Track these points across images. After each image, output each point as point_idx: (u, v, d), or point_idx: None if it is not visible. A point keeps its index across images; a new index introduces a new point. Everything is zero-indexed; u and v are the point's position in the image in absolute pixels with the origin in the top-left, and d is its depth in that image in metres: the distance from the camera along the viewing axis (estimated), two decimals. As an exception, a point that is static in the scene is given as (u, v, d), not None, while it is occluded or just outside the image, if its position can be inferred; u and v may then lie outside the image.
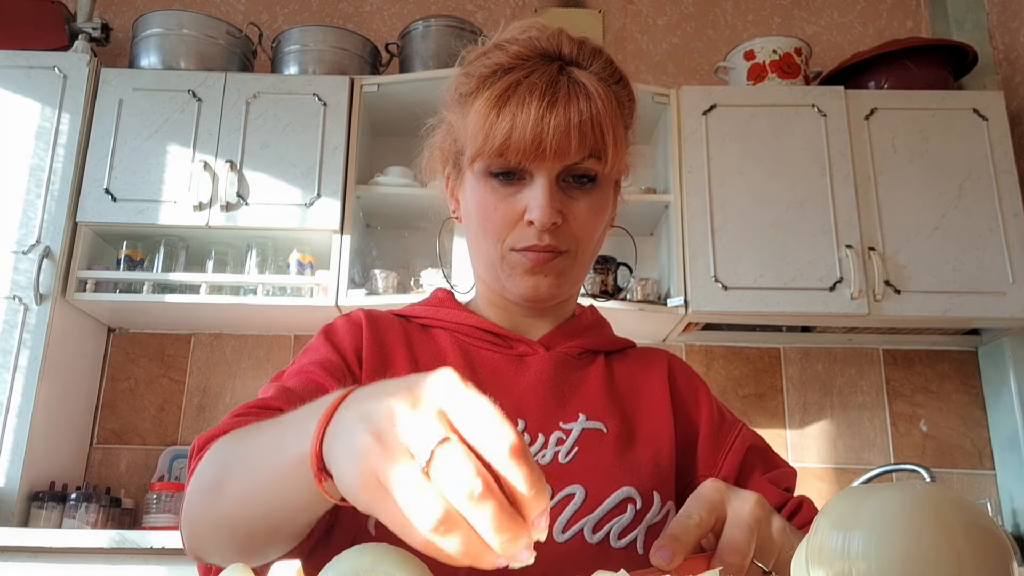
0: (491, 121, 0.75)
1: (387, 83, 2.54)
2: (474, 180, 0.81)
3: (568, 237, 0.79)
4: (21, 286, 2.27)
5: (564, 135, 0.74)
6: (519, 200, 0.78)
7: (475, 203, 0.81)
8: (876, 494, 0.44)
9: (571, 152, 0.75)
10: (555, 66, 0.77)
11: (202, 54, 2.57)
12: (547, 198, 0.76)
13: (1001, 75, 2.78)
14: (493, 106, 0.75)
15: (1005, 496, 2.52)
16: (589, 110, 0.75)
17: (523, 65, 0.77)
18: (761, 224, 2.40)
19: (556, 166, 0.77)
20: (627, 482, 0.78)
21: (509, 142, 0.74)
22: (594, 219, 0.81)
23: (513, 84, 0.75)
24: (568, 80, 0.76)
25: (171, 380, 2.63)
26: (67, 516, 2.21)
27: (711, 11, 3.04)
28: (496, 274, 0.83)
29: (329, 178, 2.42)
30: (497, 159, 0.76)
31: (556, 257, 0.80)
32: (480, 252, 0.84)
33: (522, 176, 0.78)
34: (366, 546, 0.41)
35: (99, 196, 2.38)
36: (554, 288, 0.81)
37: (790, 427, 2.61)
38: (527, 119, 0.74)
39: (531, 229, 0.78)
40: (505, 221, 0.79)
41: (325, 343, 0.82)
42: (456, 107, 0.83)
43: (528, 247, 0.79)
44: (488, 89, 0.77)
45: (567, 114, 0.74)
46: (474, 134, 0.77)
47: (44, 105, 2.43)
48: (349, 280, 2.37)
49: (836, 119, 2.49)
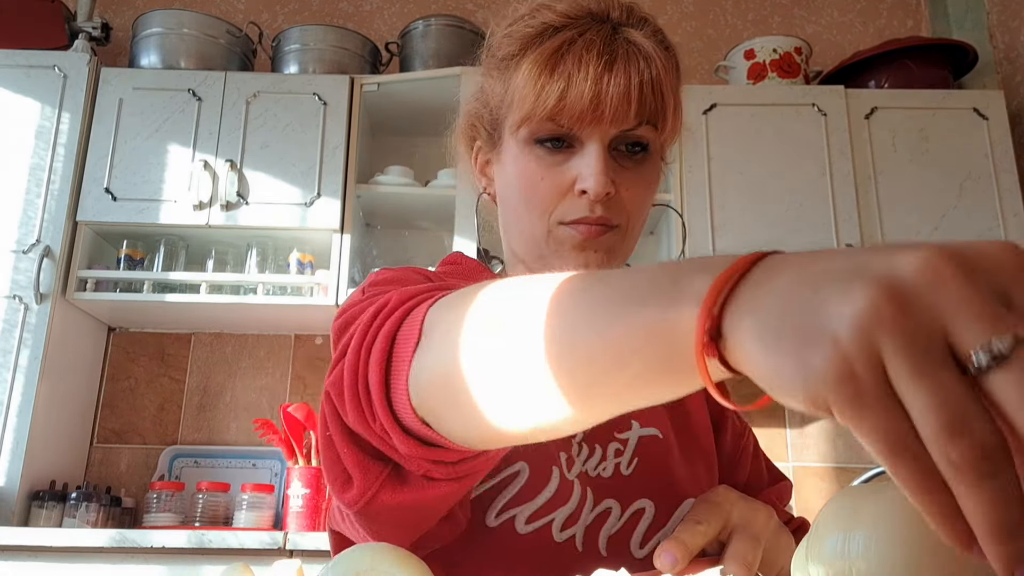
0: (543, 82, 0.68)
1: (387, 82, 2.54)
2: (517, 149, 0.73)
3: (619, 210, 0.72)
4: (21, 286, 2.27)
5: (624, 98, 0.68)
6: (568, 169, 0.71)
7: (517, 173, 0.73)
8: (876, 494, 0.44)
9: (629, 117, 0.69)
10: (608, 26, 0.70)
11: (202, 53, 2.57)
12: (601, 165, 0.69)
13: (1001, 74, 2.77)
14: (545, 65, 0.68)
15: (1005, 495, 2.52)
16: (650, 72, 0.68)
17: (574, 24, 0.70)
18: (761, 224, 2.40)
19: (611, 132, 0.70)
20: (691, 492, 0.74)
21: (564, 104, 0.68)
22: (646, 191, 0.74)
23: (566, 42, 0.69)
24: (625, 41, 0.69)
25: (171, 379, 2.63)
26: (67, 515, 2.21)
27: (711, 10, 3.04)
28: (540, 251, 0.74)
29: (329, 177, 2.42)
30: (547, 123, 0.70)
31: (607, 231, 0.72)
32: (521, 228, 0.75)
33: (571, 144, 0.71)
34: (366, 545, 0.41)
35: (99, 195, 2.38)
36: (604, 265, 0.73)
37: (790, 426, 2.61)
38: (584, 79, 0.67)
39: (582, 200, 0.71)
40: (553, 192, 0.71)
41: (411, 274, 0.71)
42: (495, 72, 0.75)
43: (579, 219, 0.71)
44: (537, 50, 0.70)
45: (628, 75, 0.68)
46: (522, 97, 0.70)
47: (44, 104, 2.43)
48: (349, 279, 2.37)
49: (836, 118, 2.49)
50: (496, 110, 0.76)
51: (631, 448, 0.75)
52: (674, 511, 0.73)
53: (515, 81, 0.71)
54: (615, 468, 0.73)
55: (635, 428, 0.76)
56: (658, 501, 0.73)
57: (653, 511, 0.72)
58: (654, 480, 0.74)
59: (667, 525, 0.72)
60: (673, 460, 0.77)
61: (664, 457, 0.76)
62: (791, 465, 2.57)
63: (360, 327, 0.52)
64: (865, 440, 0.27)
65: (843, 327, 0.26)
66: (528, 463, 0.69)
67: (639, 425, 0.77)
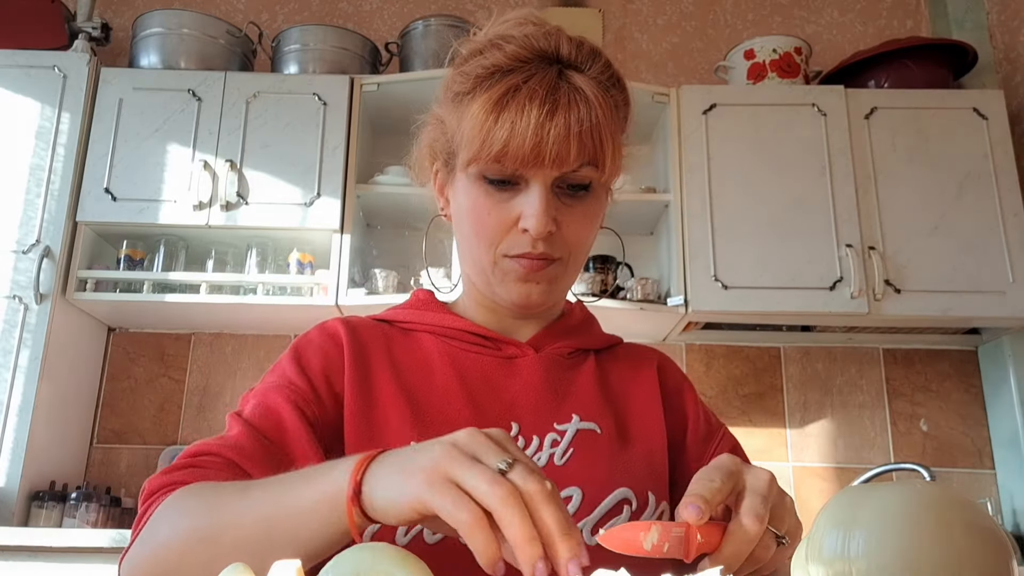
0: (488, 127, 0.73)
1: (387, 82, 2.54)
2: (468, 183, 0.78)
3: (561, 245, 0.78)
4: (21, 286, 2.27)
5: (563, 143, 0.72)
6: (513, 206, 0.76)
7: (468, 207, 0.79)
8: (876, 494, 0.44)
9: (569, 160, 0.74)
10: (554, 70, 0.75)
11: (202, 53, 2.57)
12: (543, 206, 0.74)
13: (1001, 74, 2.77)
14: (491, 111, 0.73)
15: (1005, 495, 2.52)
16: (589, 119, 0.73)
17: (521, 68, 0.75)
18: (761, 224, 2.40)
19: (552, 174, 0.75)
20: (623, 483, 0.78)
21: (507, 149, 0.73)
22: (588, 227, 0.80)
23: (512, 88, 0.73)
24: (568, 86, 0.74)
25: (171, 380, 2.63)
26: (67, 516, 2.21)
27: (711, 10, 3.04)
28: (487, 279, 0.81)
29: (329, 177, 2.42)
30: (493, 165, 0.75)
31: (549, 265, 0.78)
32: (471, 256, 0.82)
33: (516, 182, 0.76)
34: (365, 545, 0.41)
35: (99, 195, 2.38)
36: (545, 295, 0.80)
37: (790, 426, 2.61)
38: (526, 126, 0.72)
39: (525, 236, 0.76)
40: (499, 227, 0.77)
41: (291, 363, 0.80)
42: (450, 105, 0.80)
43: (522, 254, 0.77)
44: (485, 92, 0.75)
45: (567, 122, 0.72)
46: (470, 138, 0.75)
47: (44, 105, 2.43)
48: (349, 279, 2.37)
49: (836, 118, 2.49)
50: (451, 142, 0.81)
51: (568, 439, 0.79)
52: (602, 499, 0.76)
53: (466, 120, 0.76)
54: (549, 458, 0.78)
55: (575, 421, 0.81)
56: (586, 489, 0.76)
57: (580, 499, 0.76)
58: (586, 470, 0.78)
59: (593, 512, 0.75)
60: (609, 454, 0.80)
61: (599, 450, 0.79)
62: (791, 465, 2.57)
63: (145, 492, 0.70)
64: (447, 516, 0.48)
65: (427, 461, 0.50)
66: None
67: (579, 419, 0.81)
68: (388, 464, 0.52)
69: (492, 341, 0.85)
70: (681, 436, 0.88)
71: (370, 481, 0.52)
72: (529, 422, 0.79)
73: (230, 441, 0.73)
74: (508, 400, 0.81)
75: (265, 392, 0.78)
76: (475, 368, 0.83)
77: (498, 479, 0.48)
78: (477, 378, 0.82)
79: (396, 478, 0.51)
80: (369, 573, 0.39)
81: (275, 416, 0.75)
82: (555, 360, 0.85)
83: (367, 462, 0.53)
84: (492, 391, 0.81)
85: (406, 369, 0.82)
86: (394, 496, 0.50)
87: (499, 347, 0.85)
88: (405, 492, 0.50)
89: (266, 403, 0.76)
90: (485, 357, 0.84)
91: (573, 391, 0.84)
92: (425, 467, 0.49)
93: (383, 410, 0.78)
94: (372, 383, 0.80)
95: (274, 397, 0.77)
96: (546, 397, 0.82)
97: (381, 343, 0.84)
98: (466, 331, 0.85)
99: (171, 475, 0.69)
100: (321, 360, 0.81)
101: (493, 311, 0.86)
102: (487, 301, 0.86)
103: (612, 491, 0.77)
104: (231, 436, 0.74)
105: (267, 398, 0.77)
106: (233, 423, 0.75)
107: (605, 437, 0.81)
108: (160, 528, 0.64)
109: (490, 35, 0.80)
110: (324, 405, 0.78)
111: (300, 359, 0.81)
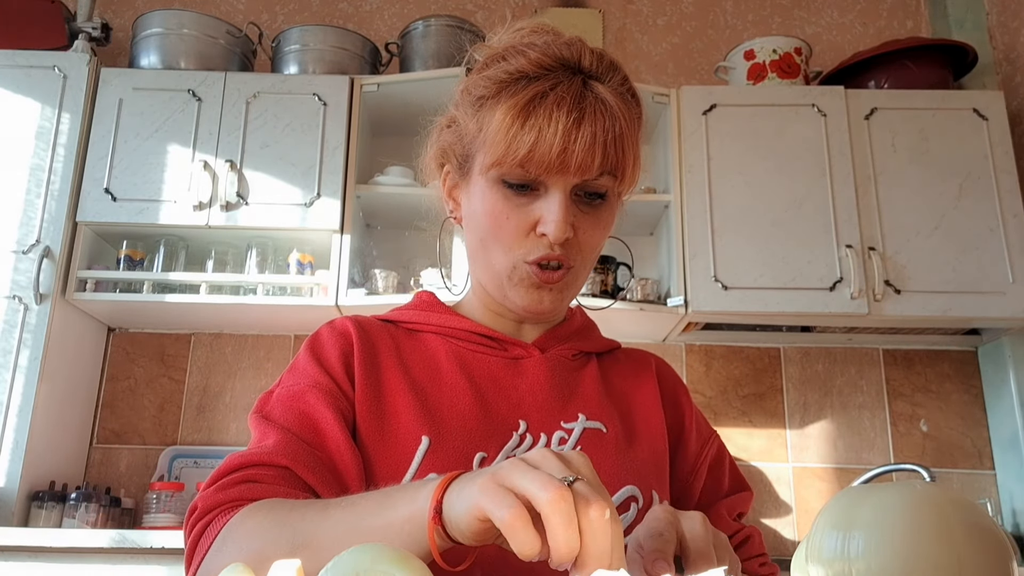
0: (515, 131, 0.74)
1: (387, 83, 2.54)
2: (486, 186, 0.79)
3: (575, 251, 0.79)
4: (21, 286, 2.27)
5: (589, 152, 0.74)
6: (532, 211, 0.77)
7: (485, 210, 0.79)
8: (876, 494, 0.44)
9: (592, 168, 0.75)
10: (579, 79, 0.76)
11: (202, 54, 2.57)
12: (563, 212, 0.76)
13: (1001, 75, 2.78)
14: (518, 116, 0.74)
15: (1005, 496, 2.52)
16: (613, 129, 0.75)
17: (547, 75, 0.75)
18: (761, 224, 2.40)
19: (573, 181, 0.76)
20: (629, 481, 0.79)
21: (533, 155, 0.74)
22: (601, 235, 0.81)
23: (539, 95, 0.74)
24: (593, 96, 0.75)
25: (171, 380, 2.63)
26: (67, 516, 2.21)
27: (711, 11, 3.04)
28: (500, 283, 0.82)
29: (329, 178, 2.42)
30: (517, 170, 0.75)
31: (563, 273, 0.80)
32: (486, 259, 0.82)
33: (536, 187, 0.77)
34: (365, 546, 0.41)
35: (99, 196, 2.38)
36: (556, 302, 0.82)
37: (790, 427, 2.61)
38: (554, 133, 0.73)
39: (543, 241, 0.77)
40: (518, 231, 0.78)
41: (312, 362, 0.81)
42: (470, 109, 0.81)
43: (540, 258, 0.78)
44: (511, 97, 0.75)
45: (593, 131, 0.74)
46: (494, 142, 0.76)
47: (44, 105, 2.43)
48: (349, 280, 2.37)
49: (836, 119, 2.49)
50: (469, 145, 0.81)
51: (575, 438, 0.80)
52: (611, 497, 0.76)
53: (489, 124, 0.77)
54: None
55: (581, 420, 0.82)
56: None
57: None
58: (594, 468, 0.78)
59: None
60: (615, 452, 0.80)
61: (606, 449, 0.80)
62: (791, 465, 2.57)
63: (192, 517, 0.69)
64: (492, 515, 0.47)
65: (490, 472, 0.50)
66: (441, 470, 0.73)
67: (585, 418, 0.82)
68: (462, 480, 0.52)
69: (498, 342, 0.86)
70: (679, 438, 0.90)
71: (448, 499, 0.52)
72: (536, 420, 0.80)
73: (278, 448, 0.72)
74: (515, 399, 0.81)
75: (293, 395, 0.78)
76: (482, 367, 0.83)
77: (552, 482, 0.46)
78: (484, 377, 0.83)
79: (464, 492, 0.50)
80: (369, 573, 0.39)
81: (310, 419, 0.76)
82: (560, 361, 0.86)
83: (448, 482, 0.53)
84: (500, 390, 0.82)
85: (414, 367, 0.83)
86: (460, 508, 0.50)
87: (505, 348, 0.85)
88: (466, 501, 0.49)
89: (298, 407, 0.76)
90: (491, 357, 0.84)
91: (578, 391, 0.85)
92: (486, 476, 0.49)
93: (393, 405, 0.79)
94: (382, 379, 0.81)
95: (306, 399, 0.77)
96: (552, 397, 0.82)
97: (389, 341, 0.85)
98: (472, 332, 0.86)
99: (227, 492, 0.68)
100: (339, 355, 0.81)
101: (499, 314, 0.87)
102: (495, 304, 0.86)
103: (620, 489, 0.78)
104: (271, 444, 0.73)
105: (298, 401, 0.77)
106: (267, 429, 0.75)
107: (611, 436, 0.81)
108: (240, 543, 0.62)
109: (508, 42, 0.81)
110: (349, 399, 0.79)
111: (319, 357, 0.81)
